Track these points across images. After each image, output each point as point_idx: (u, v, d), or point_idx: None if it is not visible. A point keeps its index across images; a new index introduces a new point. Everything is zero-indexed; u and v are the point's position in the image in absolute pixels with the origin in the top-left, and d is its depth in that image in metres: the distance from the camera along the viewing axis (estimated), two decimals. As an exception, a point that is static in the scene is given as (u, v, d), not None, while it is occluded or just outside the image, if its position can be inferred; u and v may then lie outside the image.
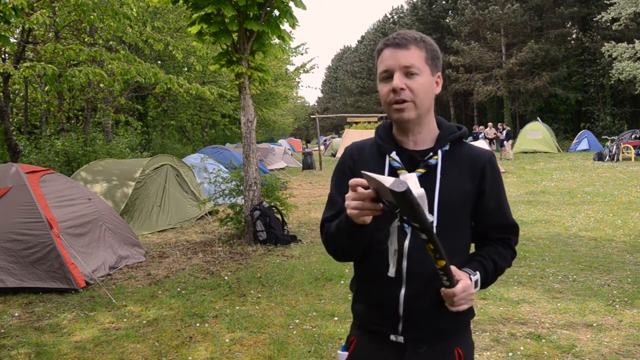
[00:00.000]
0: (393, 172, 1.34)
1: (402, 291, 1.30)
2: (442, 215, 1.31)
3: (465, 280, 1.23)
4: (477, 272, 1.31)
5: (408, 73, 1.28)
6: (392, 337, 1.33)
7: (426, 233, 1.08)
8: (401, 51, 1.29)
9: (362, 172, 1.13)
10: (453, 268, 1.21)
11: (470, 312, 1.40)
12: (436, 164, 1.33)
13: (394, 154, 1.35)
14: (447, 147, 1.36)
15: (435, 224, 1.30)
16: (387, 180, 1.04)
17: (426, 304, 1.30)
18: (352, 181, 1.15)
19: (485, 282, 1.36)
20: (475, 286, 1.29)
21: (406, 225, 1.31)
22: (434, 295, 1.27)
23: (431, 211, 1.30)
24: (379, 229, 1.28)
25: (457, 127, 1.41)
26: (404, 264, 1.30)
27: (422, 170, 1.32)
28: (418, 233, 1.10)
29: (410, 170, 1.32)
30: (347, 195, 1.18)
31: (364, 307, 1.41)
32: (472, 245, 1.48)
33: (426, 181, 1.30)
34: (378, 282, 1.34)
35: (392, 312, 1.32)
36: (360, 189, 1.14)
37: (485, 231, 1.42)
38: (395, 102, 1.29)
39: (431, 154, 1.34)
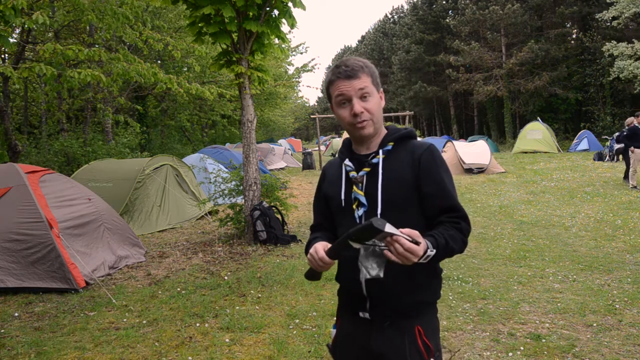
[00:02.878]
0: (347, 175, 1.61)
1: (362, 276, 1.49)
2: (385, 205, 1.51)
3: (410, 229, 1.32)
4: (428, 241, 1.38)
5: (362, 96, 1.51)
6: (361, 314, 1.57)
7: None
8: (354, 81, 1.51)
9: (349, 241, 1.33)
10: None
11: (430, 294, 1.57)
12: (378, 162, 1.55)
13: (347, 161, 1.63)
14: (389, 147, 1.57)
15: (379, 212, 1.50)
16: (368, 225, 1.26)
17: (384, 286, 1.48)
18: (318, 257, 1.44)
19: (437, 252, 1.38)
20: (425, 251, 1.33)
21: (357, 216, 1.54)
22: (391, 278, 1.42)
23: (375, 203, 1.52)
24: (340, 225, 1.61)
25: (403, 129, 1.63)
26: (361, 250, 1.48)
27: (367, 169, 1.56)
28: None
29: (358, 170, 1.57)
30: (309, 258, 1.49)
31: (341, 291, 1.71)
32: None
33: (371, 178, 1.54)
34: (344, 270, 1.60)
35: (359, 294, 1.55)
36: (320, 262, 1.44)
37: (435, 215, 1.53)
38: (357, 123, 1.52)
39: (374, 154, 1.57)
